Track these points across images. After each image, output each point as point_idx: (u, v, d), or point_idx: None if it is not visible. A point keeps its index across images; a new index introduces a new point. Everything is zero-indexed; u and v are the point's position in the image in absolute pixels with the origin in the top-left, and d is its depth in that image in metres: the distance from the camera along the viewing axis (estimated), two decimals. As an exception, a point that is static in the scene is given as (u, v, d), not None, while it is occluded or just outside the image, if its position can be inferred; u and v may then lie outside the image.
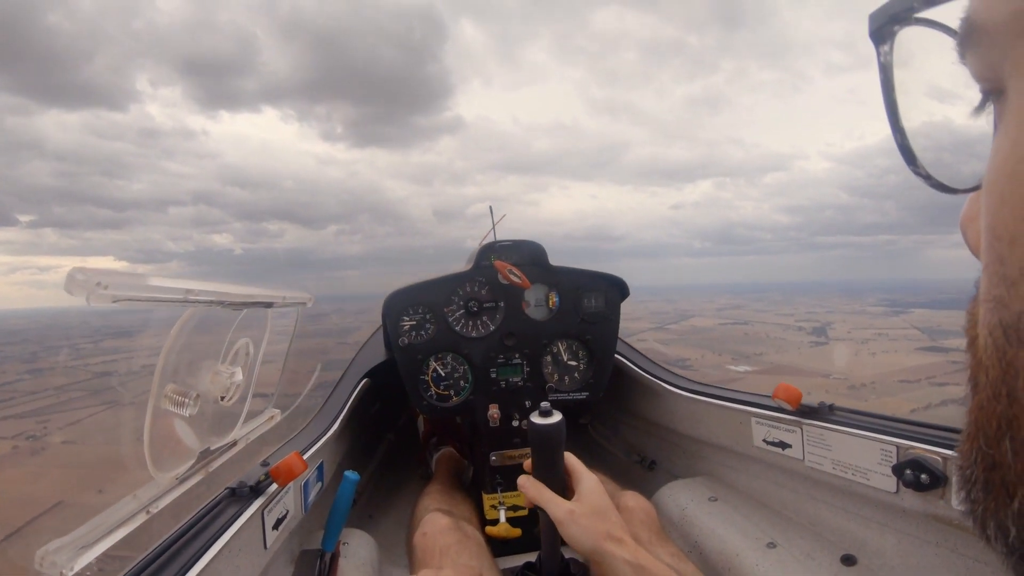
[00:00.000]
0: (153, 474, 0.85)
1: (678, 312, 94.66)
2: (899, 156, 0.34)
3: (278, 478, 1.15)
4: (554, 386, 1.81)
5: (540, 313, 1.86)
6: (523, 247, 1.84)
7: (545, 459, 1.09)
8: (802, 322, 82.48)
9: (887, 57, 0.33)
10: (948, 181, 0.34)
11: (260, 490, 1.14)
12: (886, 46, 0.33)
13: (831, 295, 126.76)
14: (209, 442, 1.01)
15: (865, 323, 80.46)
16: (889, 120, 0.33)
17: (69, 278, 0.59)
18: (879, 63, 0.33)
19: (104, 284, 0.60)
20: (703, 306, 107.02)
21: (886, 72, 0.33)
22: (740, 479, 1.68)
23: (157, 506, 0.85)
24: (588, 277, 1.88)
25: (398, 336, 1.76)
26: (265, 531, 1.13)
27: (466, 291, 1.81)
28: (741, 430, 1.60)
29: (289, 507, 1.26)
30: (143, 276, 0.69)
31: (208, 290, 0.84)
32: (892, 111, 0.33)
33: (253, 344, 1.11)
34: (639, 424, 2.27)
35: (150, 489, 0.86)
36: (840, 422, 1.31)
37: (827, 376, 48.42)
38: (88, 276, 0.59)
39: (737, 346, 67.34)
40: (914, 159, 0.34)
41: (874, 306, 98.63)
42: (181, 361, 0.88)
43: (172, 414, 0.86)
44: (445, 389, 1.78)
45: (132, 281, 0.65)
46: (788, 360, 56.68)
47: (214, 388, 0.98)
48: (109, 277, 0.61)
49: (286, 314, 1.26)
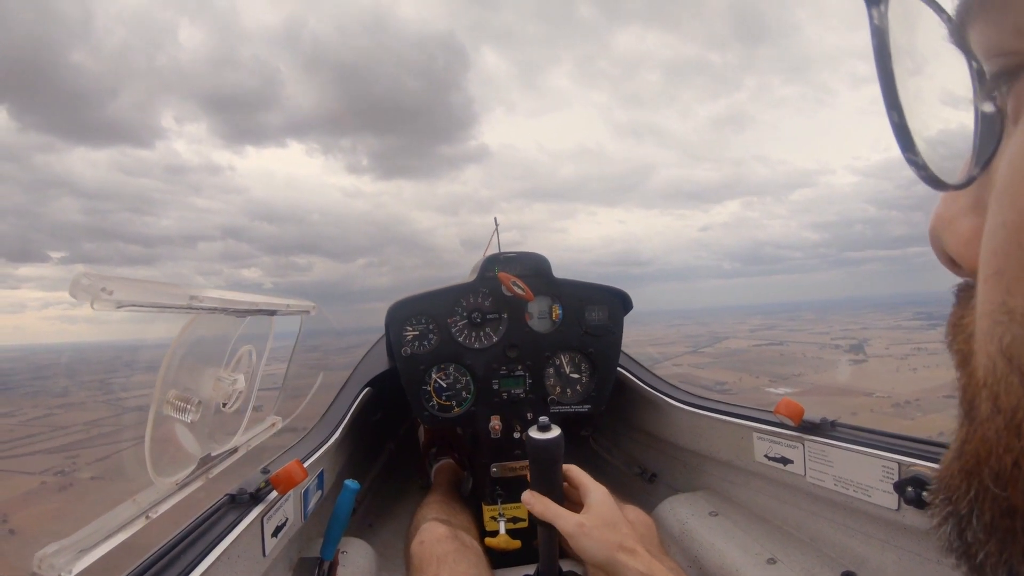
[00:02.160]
0: (153, 479, 0.85)
1: (711, 335, 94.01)
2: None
3: (278, 485, 1.15)
4: (556, 398, 1.81)
5: (543, 325, 1.86)
6: (527, 259, 1.84)
7: (543, 473, 1.09)
8: (838, 340, 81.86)
9: (882, 20, 0.27)
10: (940, 173, 0.29)
11: (260, 497, 1.14)
12: (881, 6, 0.28)
13: (864, 311, 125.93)
14: (210, 448, 1.01)
15: (902, 338, 79.68)
16: (884, 96, 0.28)
17: (74, 283, 0.59)
18: (871, 26, 0.28)
19: (109, 289, 0.60)
20: (736, 327, 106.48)
21: (881, 37, 0.27)
22: (741, 494, 1.67)
23: (157, 511, 0.85)
24: (591, 290, 1.88)
25: (401, 346, 1.76)
26: (264, 538, 1.13)
27: (469, 302, 1.81)
28: (743, 445, 1.59)
29: (289, 514, 1.26)
30: (148, 282, 0.70)
31: (212, 296, 0.85)
32: (888, 85, 0.27)
33: (256, 351, 1.12)
34: (640, 437, 2.26)
35: (150, 494, 0.86)
36: (842, 438, 1.31)
37: (870, 395, 47.82)
38: (93, 281, 0.59)
39: (774, 367, 66.78)
40: (911, 144, 0.28)
41: (910, 320, 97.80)
42: (184, 367, 0.89)
43: (174, 420, 0.87)
44: (447, 400, 1.78)
45: (137, 287, 0.66)
46: (827, 380, 55.94)
47: (216, 395, 0.98)
48: (114, 283, 0.61)
49: (290, 322, 1.27)
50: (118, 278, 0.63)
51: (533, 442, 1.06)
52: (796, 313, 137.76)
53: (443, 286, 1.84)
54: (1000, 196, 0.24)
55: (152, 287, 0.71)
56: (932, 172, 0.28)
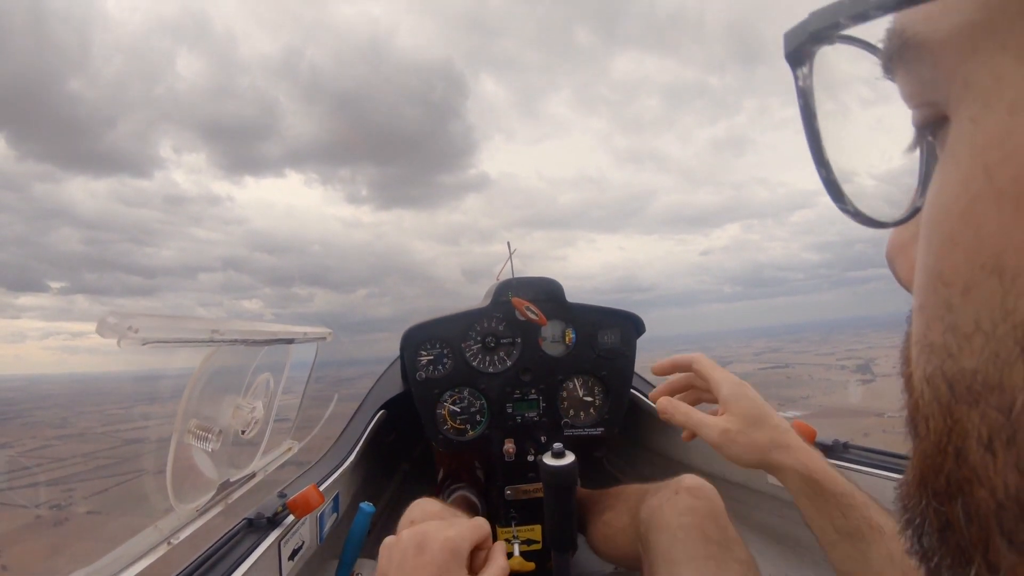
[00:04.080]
0: (174, 506, 0.88)
1: (716, 359, 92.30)
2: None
3: (295, 510, 1.17)
4: (570, 421, 1.81)
5: (556, 349, 1.87)
6: (540, 284, 1.86)
7: (557, 499, 1.10)
8: (844, 360, 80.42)
9: (807, 81, 0.28)
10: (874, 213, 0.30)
11: (277, 522, 1.16)
12: (804, 68, 0.28)
13: (868, 330, 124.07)
14: (229, 474, 1.04)
15: None
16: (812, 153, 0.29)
17: (101, 322, 0.62)
18: (797, 87, 0.28)
19: (135, 328, 0.63)
20: (740, 351, 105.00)
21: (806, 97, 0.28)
22: (754, 515, 1.66)
23: (178, 537, 0.88)
24: (604, 314, 1.89)
25: (415, 370, 1.78)
26: (281, 562, 1.15)
27: (483, 327, 1.83)
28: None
29: (305, 538, 1.28)
30: (171, 318, 0.73)
31: (233, 328, 0.88)
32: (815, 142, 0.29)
33: (273, 379, 1.15)
34: (654, 458, 2.25)
35: (171, 520, 0.88)
36: (854, 460, 1.31)
37: (881, 415, 46.99)
38: (120, 320, 0.62)
39: (782, 390, 65.63)
40: (841, 196, 0.29)
41: None
42: (204, 396, 0.92)
43: (195, 448, 0.90)
44: (461, 423, 1.79)
45: (161, 323, 0.69)
46: (837, 401, 54.88)
47: (235, 422, 1.01)
48: (139, 320, 0.64)
49: (306, 349, 1.30)
50: (142, 315, 0.66)
51: (547, 468, 1.07)
52: (800, 335, 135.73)
53: (457, 311, 1.86)
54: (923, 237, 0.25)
55: (175, 322, 0.74)
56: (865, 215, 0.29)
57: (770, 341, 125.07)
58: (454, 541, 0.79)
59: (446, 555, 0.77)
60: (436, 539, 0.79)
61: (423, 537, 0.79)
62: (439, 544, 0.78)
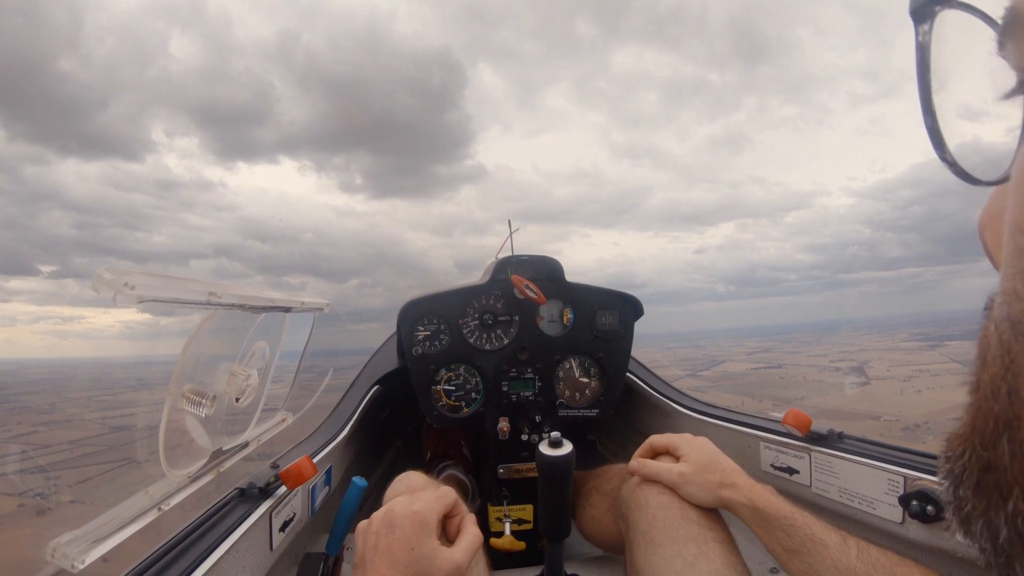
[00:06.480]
0: (166, 472, 0.87)
1: (708, 358, 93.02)
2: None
3: (288, 481, 1.16)
4: (565, 402, 1.81)
5: (554, 329, 1.86)
6: (540, 263, 1.85)
7: (552, 490, 1.09)
8: (837, 362, 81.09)
9: (925, 37, 0.32)
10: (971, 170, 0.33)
11: (269, 492, 1.16)
12: (926, 25, 0.32)
13: (860, 332, 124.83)
14: (221, 442, 1.03)
15: (903, 359, 79.31)
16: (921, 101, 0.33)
17: (97, 277, 0.60)
18: (916, 42, 0.32)
19: (131, 284, 0.61)
20: (733, 350, 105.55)
21: (923, 52, 0.32)
22: None
23: (169, 503, 0.87)
24: (603, 295, 1.88)
25: (412, 345, 1.77)
26: (272, 533, 1.14)
27: (481, 303, 1.81)
28: (749, 453, 1.59)
29: (296, 510, 1.27)
30: (168, 277, 0.71)
31: (231, 292, 0.86)
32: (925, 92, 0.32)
33: (270, 347, 1.13)
34: None
35: (162, 486, 0.87)
36: (849, 450, 1.30)
37: (877, 418, 47.41)
38: (117, 276, 0.60)
39: (775, 391, 66.18)
40: (942, 144, 0.32)
41: (907, 341, 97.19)
42: (200, 361, 0.90)
43: (188, 413, 0.88)
44: (456, 400, 1.79)
45: (157, 282, 0.67)
46: (832, 403, 55.39)
47: (230, 389, 1.00)
48: (136, 278, 0.62)
49: (303, 319, 1.28)
50: (139, 273, 0.64)
51: (544, 458, 1.05)
52: (792, 335, 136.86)
53: (455, 287, 1.85)
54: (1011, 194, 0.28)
55: (172, 282, 0.72)
56: (962, 168, 0.32)
57: (762, 340, 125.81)
58: (420, 514, 0.86)
59: (416, 528, 0.84)
60: (403, 515, 0.86)
61: (391, 515, 0.87)
62: (408, 519, 0.85)
